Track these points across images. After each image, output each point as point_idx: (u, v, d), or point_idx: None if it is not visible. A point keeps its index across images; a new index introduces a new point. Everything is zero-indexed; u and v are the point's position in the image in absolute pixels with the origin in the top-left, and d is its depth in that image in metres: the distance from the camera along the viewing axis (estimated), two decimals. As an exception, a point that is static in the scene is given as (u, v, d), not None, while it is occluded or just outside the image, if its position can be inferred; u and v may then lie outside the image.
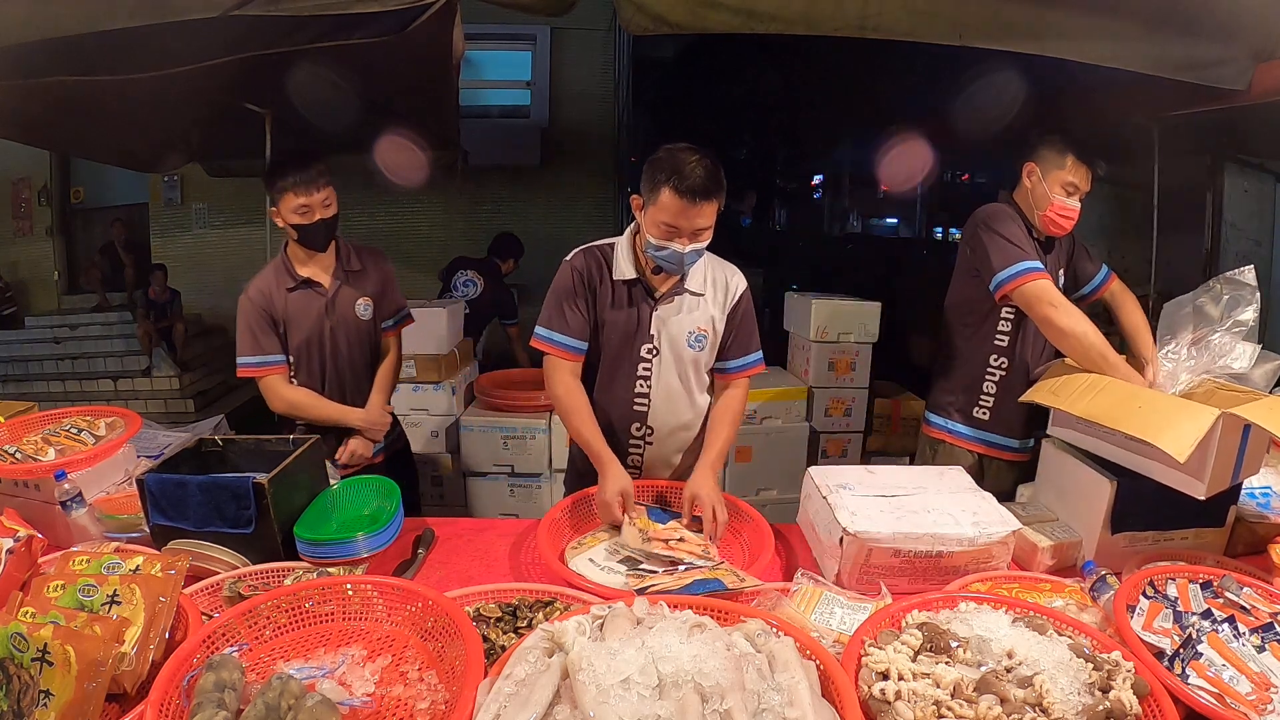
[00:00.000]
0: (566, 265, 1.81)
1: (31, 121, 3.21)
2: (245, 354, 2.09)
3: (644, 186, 1.67)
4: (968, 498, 1.57)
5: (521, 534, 1.73)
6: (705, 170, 1.59)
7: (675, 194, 1.59)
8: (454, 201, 6.67)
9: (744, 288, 1.87)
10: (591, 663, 0.92)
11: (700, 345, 1.84)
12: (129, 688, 1.05)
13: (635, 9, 1.94)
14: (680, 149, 1.63)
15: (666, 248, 1.65)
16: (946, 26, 2.01)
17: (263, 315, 2.10)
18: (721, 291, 1.84)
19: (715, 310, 1.84)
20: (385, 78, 2.95)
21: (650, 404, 1.85)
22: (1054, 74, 2.52)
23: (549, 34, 6.91)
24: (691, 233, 1.64)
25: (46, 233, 7.27)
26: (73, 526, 1.60)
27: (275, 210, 2.08)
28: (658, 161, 1.63)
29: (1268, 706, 1.05)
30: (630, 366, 1.83)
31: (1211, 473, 1.41)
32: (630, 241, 1.80)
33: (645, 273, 1.79)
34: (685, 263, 1.69)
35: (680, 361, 1.84)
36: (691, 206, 1.60)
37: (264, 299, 2.10)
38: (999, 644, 1.09)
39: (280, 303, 2.12)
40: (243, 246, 7.12)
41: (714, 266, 1.85)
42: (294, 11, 1.94)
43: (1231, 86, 2.13)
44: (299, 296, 2.15)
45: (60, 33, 1.99)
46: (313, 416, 2.17)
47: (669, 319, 1.81)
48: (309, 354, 2.18)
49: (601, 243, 1.84)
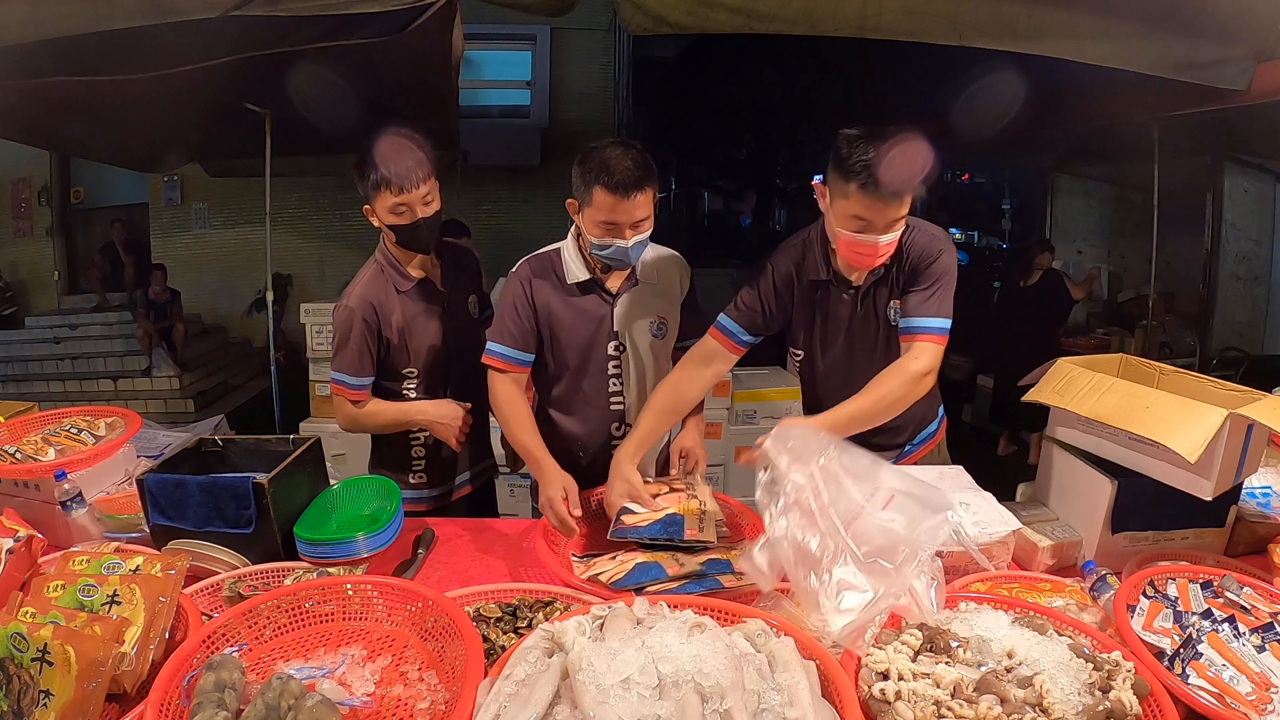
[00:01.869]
0: (513, 276, 1.80)
1: (31, 121, 3.22)
2: (347, 371, 1.82)
3: (576, 189, 1.66)
4: (967, 498, 1.56)
5: (521, 534, 1.73)
6: (633, 162, 1.58)
7: (607, 191, 1.58)
8: (454, 201, 6.68)
9: (689, 271, 1.88)
10: (591, 663, 0.92)
11: (662, 333, 1.84)
12: (129, 688, 1.05)
13: (635, 9, 1.95)
14: (606, 145, 1.62)
15: (610, 245, 1.65)
16: (946, 26, 2.01)
17: (370, 330, 1.81)
18: (673, 277, 1.85)
19: (670, 297, 1.85)
20: (385, 78, 2.95)
21: (626, 401, 1.86)
22: (1054, 74, 2.52)
23: (549, 34, 6.92)
24: (631, 225, 1.63)
25: (46, 233, 7.29)
26: (73, 526, 1.59)
27: (369, 208, 1.81)
28: (585, 162, 1.62)
29: (1268, 707, 1.05)
30: (599, 367, 1.82)
31: (1219, 473, 1.41)
32: (575, 244, 1.79)
33: (596, 272, 1.78)
34: (630, 256, 1.69)
35: (647, 353, 1.84)
36: (625, 200, 1.59)
37: (371, 310, 1.81)
38: (999, 644, 1.09)
39: (394, 311, 1.83)
40: (243, 246, 7.13)
41: (658, 257, 1.84)
42: (294, 11, 1.94)
43: (1231, 86, 2.14)
44: (416, 301, 1.87)
45: (60, 33, 1.99)
46: (376, 424, 1.90)
47: (629, 312, 1.80)
48: (433, 364, 1.90)
49: (547, 249, 1.83)
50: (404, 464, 1.96)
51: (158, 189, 7.22)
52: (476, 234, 6.70)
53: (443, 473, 2.02)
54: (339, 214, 7.13)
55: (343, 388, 1.84)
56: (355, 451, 2.41)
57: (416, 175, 1.75)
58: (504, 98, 7.36)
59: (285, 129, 3.58)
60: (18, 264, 7.35)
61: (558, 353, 1.82)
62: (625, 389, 1.85)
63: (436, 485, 2.01)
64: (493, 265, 4.73)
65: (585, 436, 1.87)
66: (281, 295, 6.19)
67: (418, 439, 1.97)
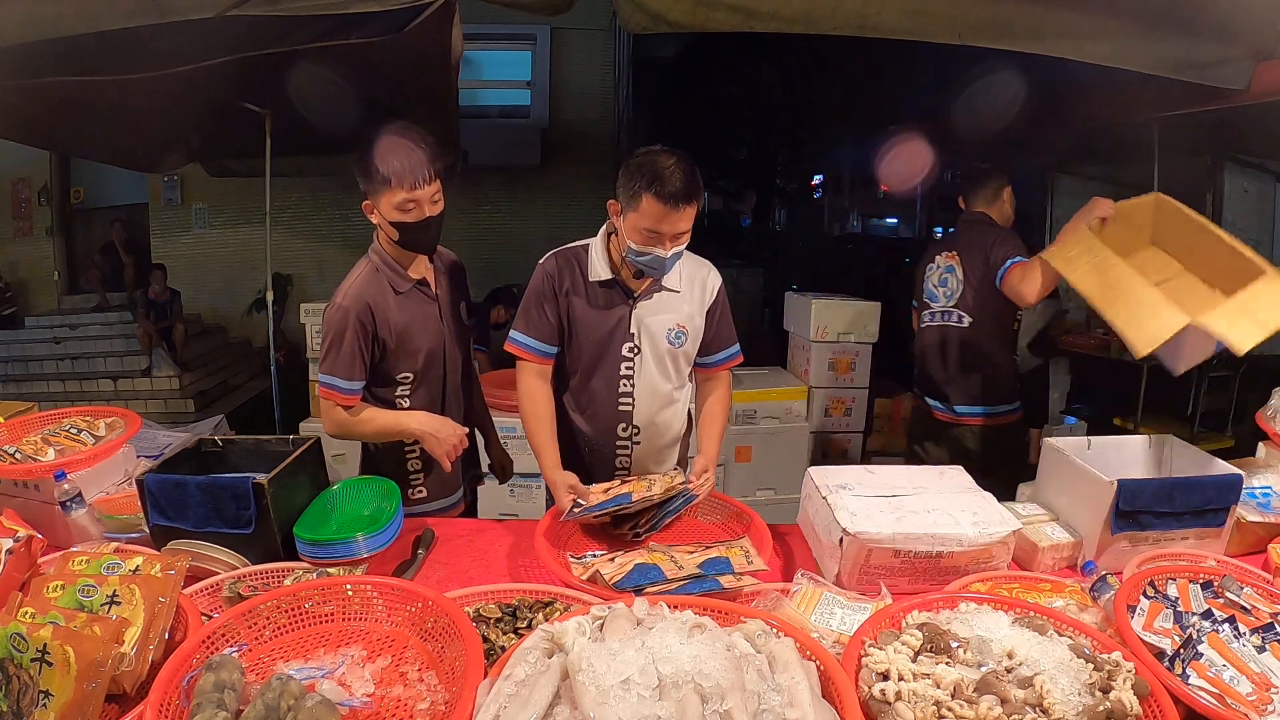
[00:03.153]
0: (539, 268, 1.82)
1: (31, 121, 3.21)
2: (338, 374, 1.73)
3: (622, 193, 1.66)
4: (968, 498, 1.56)
5: (521, 534, 1.73)
6: (684, 175, 1.60)
7: (657, 200, 1.59)
8: (454, 201, 6.69)
9: (720, 284, 1.88)
10: (591, 663, 0.92)
11: (680, 341, 1.84)
12: (129, 688, 1.05)
13: (634, 8, 1.94)
14: (657, 153, 1.63)
15: (649, 253, 1.66)
16: (946, 26, 2.01)
17: (365, 331, 1.73)
18: (699, 289, 1.85)
19: (694, 307, 1.84)
20: (385, 78, 2.95)
21: (635, 403, 1.85)
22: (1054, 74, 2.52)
23: (549, 34, 6.91)
24: (673, 237, 1.65)
25: (46, 233, 7.29)
26: (72, 526, 1.59)
27: (370, 204, 1.74)
28: (636, 167, 1.63)
29: (1268, 707, 1.05)
30: (612, 366, 1.83)
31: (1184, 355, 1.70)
32: (604, 243, 1.80)
33: (621, 273, 1.79)
34: (666, 266, 1.71)
35: (662, 359, 1.84)
36: (674, 212, 1.60)
37: (367, 310, 1.73)
38: (999, 644, 1.09)
39: (391, 312, 1.76)
40: (243, 246, 7.13)
41: (689, 263, 1.85)
42: (293, 11, 1.94)
43: (1231, 86, 2.13)
44: (414, 303, 1.81)
45: (60, 33, 1.99)
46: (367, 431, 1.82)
47: (648, 317, 1.81)
48: (430, 371, 1.85)
49: (575, 244, 1.84)
50: (400, 477, 1.85)
51: (158, 189, 7.22)
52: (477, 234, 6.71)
53: (443, 485, 1.96)
54: (339, 214, 7.13)
55: (333, 392, 1.73)
56: (356, 451, 2.40)
57: (426, 172, 1.69)
58: (504, 98, 7.35)
59: (285, 129, 3.58)
60: (18, 264, 7.35)
61: (574, 348, 1.83)
62: (635, 392, 1.85)
63: (437, 498, 1.96)
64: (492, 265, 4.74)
65: (593, 434, 1.88)
66: (281, 295, 6.19)
67: (413, 451, 1.89)
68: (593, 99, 7.00)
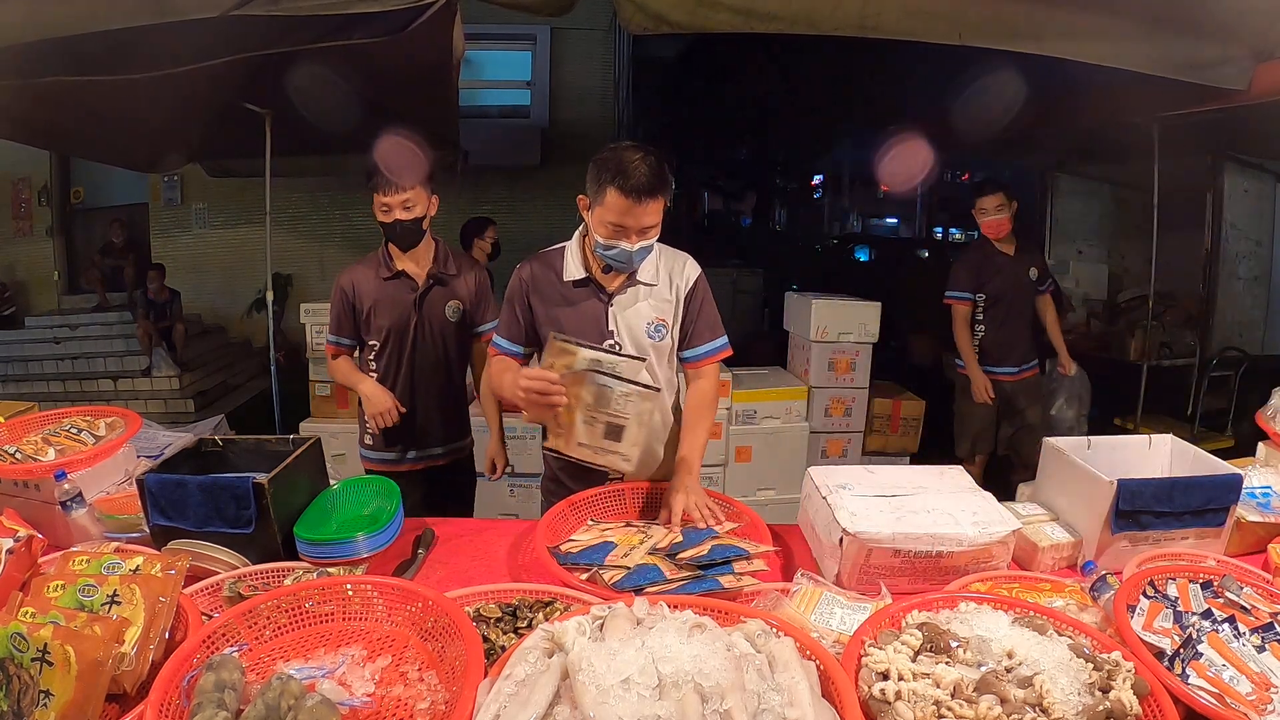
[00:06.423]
0: (516, 272, 1.85)
1: (31, 121, 3.21)
2: (330, 329, 2.31)
3: (589, 187, 1.67)
4: (968, 498, 1.56)
5: (521, 534, 1.73)
6: (649, 168, 1.59)
7: (620, 194, 1.59)
8: (454, 201, 6.69)
9: (697, 274, 1.85)
10: (591, 663, 0.92)
11: (660, 335, 1.83)
12: (129, 688, 1.05)
13: (635, 8, 1.95)
14: (624, 147, 1.63)
15: (615, 246, 1.66)
16: (946, 26, 2.01)
17: (345, 301, 2.26)
18: (676, 279, 1.84)
19: (670, 298, 1.84)
20: (385, 78, 2.96)
21: None
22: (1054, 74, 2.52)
23: (549, 34, 6.92)
24: (639, 230, 1.64)
25: (46, 233, 7.29)
26: (73, 526, 1.59)
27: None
28: (602, 161, 1.63)
29: (1268, 707, 1.05)
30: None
31: None
32: (580, 242, 1.81)
33: (595, 271, 1.79)
34: (634, 260, 1.70)
35: (644, 353, 1.82)
36: (637, 205, 1.60)
37: (351, 287, 2.26)
38: (999, 644, 1.09)
39: (370, 290, 2.24)
40: (242, 246, 7.13)
41: (665, 256, 1.84)
42: (294, 11, 1.95)
43: (1231, 86, 2.14)
44: (392, 286, 2.25)
45: (60, 33, 2.00)
46: (335, 376, 2.38)
47: (625, 312, 1.80)
48: (393, 340, 2.27)
49: (552, 248, 1.85)
50: (361, 423, 2.36)
51: (158, 189, 7.22)
52: (476, 234, 6.68)
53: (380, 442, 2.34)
54: (339, 214, 7.13)
55: (328, 342, 2.31)
56: (356, 451, 2.43)
57: (400, 181, 2.06)
58: (504, 98, 7.35)
59: (285, 129, 3.58)
60: (18, 264, 7.35)
61: None
62: None
63: (378, 449, 2.35)
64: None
65: None
66: (281, 295, 6.19)
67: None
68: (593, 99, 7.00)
